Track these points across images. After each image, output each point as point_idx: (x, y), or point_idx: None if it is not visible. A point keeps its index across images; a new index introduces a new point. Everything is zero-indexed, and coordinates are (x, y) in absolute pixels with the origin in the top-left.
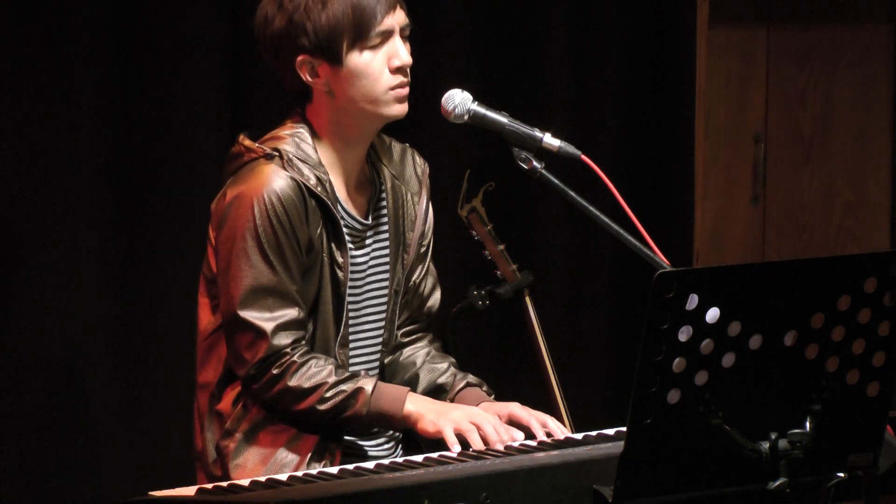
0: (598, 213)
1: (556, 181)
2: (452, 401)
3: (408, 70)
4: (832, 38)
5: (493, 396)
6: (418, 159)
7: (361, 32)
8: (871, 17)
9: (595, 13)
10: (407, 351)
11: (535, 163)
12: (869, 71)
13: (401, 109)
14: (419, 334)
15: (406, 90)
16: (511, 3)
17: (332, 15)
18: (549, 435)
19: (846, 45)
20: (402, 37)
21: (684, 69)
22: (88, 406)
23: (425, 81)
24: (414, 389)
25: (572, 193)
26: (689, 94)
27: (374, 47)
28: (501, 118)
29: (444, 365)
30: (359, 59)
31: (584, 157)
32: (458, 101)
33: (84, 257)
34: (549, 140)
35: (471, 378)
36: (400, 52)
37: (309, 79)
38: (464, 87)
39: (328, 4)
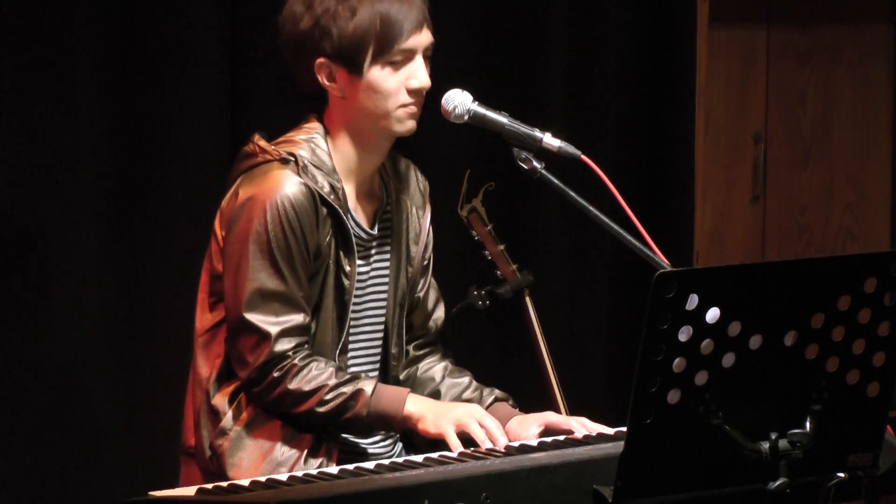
0: (598, 213)
1: (556, 181)
2: None
3: (423, 93)
4: (832, 38)
5: (517, 409)
6: (420, 176)
7: (385, 46)
8: (871, 17)
9: (595, 13)
10: (423, 365)
11: (535, 163)
12: (869, 71)
13: (410, 126)
14: (431, 347)
15: (417, 108)
16: (511, 3)
17: (359, 24)
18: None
19: (846, 45)
20: (424, 57)
21: (684, 69)
22: (89, 406)
23: None
24: None
25: (572, 193)
26: (689, 94)
27: (395, 64)
28: (501, 118)
29: (466, 379)
30: (378, 73)
31: (584, 157)
32: (458, 101)
33: (84, 258)
34: (549, 140)
35: (497, 393)
36: (419, 73)
37: (325, 82)
38: (464, 87)
39: (357, 13)
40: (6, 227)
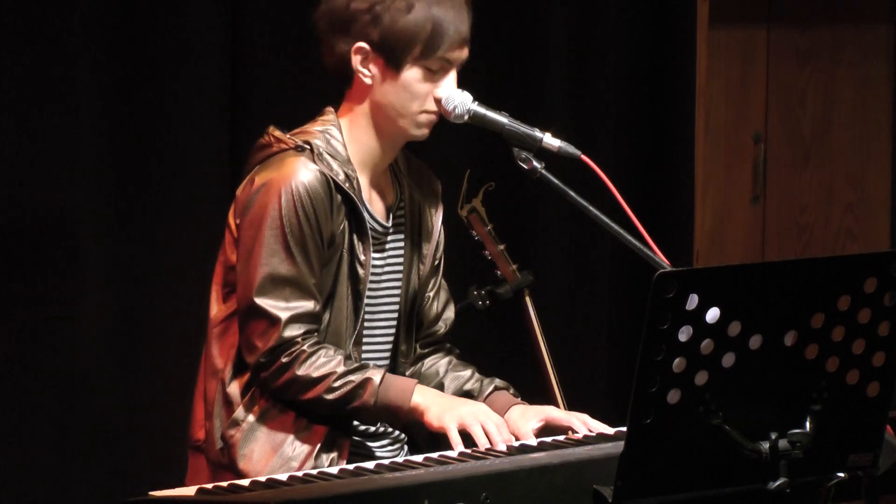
0: (598, 213)
1: (556, 181)
2: None
3: None
4: (832, 38)
5: (518, 397)
6: (433, 176)
7: (430, 51)
8: (871, 17)
9: (595, 13)
10: (428, 361)
11: (535, 163)
12: (869, 71)
13: (424, 133)
14: (437, 345)
15: (435, 118)
16: (511, 3)
17: (411, 22)
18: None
19: (846, 45)
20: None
21: (684, 69)
22: (89, 405)
23: None
24: None
25: (572, 193)
26: (689, 94)
27: (432, 71)
28: (501, 118)
29: (468, 372)
30: (414, 75)
31: (584, 157)
32: (458, 101)
33: (84, 258)
34: (549, 140)
35: (498, 382)
36: (449, 86)
37: (357, 67)
38: (464, 87)
39: (412, 11)
40: (6, 227)
